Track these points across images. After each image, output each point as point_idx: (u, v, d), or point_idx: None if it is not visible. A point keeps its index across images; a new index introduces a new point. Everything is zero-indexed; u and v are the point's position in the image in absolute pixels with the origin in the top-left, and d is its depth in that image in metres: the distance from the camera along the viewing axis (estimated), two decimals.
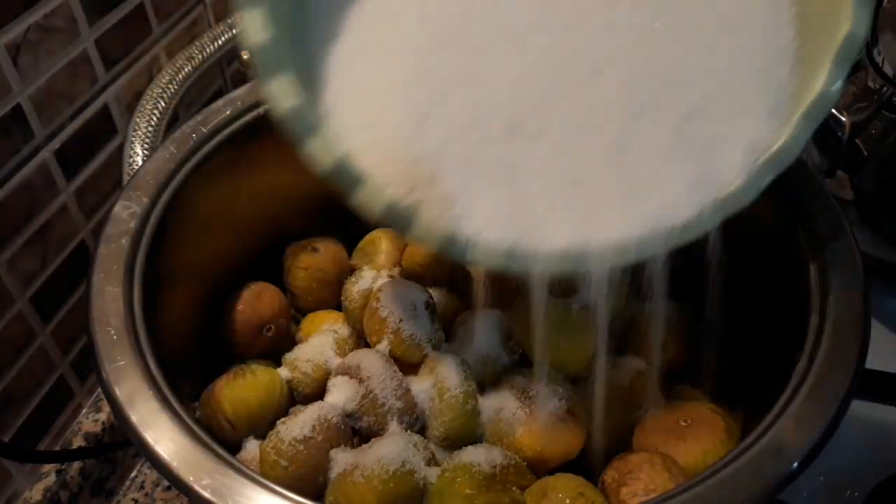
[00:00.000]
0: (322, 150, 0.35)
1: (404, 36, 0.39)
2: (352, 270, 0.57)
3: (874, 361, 0.41)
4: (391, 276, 0.54)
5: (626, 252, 0.35)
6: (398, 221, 0.36)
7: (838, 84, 0.35)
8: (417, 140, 0.37)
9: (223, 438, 0.46)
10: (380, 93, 0.38)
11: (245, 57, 0.67)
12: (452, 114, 0.37)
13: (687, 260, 0.37)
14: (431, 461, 0.43)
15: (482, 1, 0.39)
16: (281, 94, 0.35)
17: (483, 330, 0.49)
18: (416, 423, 0.47)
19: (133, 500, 0.62)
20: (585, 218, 0.35)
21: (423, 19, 0.39)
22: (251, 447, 0.46)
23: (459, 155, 0.36)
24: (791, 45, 0.38)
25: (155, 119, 0.63)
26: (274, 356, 0.53)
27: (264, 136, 0.47)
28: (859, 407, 0.39)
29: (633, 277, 0.54)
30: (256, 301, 0.53)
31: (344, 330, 0.53)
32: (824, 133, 0.62)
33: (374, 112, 0.38)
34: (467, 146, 0.36)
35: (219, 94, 0.73)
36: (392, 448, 0.42)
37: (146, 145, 0.62)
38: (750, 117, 0.37)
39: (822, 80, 0.35)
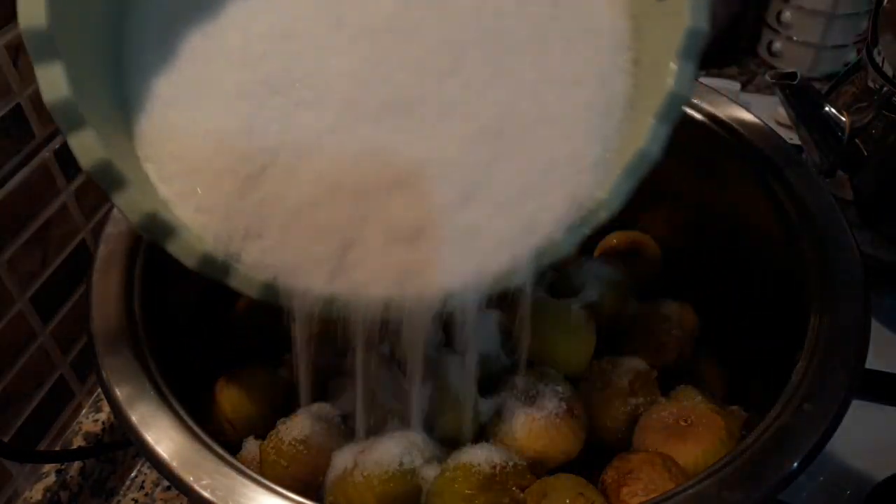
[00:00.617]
0: (129, 205, 0.34)
1: (227, 79, 0.38)
2: None
3: (874, 361, 0.41)
4: None
5: (445, 300, 0.35)
6: (214, 273, 0.36)
7: (658, 142, 0.34)
8: (239, 190, 0.36)
9: (223, 438, 0.45)
10: (200, 139, 0.37)
11: None
12: (278, 164, 0.36)
13: (686, 261, 0.37)
14: (431, 461, 0.43)
15: (313, 45, 0.38)
16: (82, 149, 0.33)
17: (483, 330, 0.49)
18: (417, 423, 0.47)
19: (133, 500, 0.62)
20: (407, 267, 0.35)
21: (247, 63, 0.38)
22: (251, 447, 0.46)
23: (282, 209, 0.36)
24: (623, 95, 0.37)
25: None
26: (274, 356, 0.53)
27: None
28: (859, 407, 0.39)
29: (631, 278, 0.54)
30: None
31: None
32: (824, 133, 0.62)
33: (192, 158, 0.36)
34: (291, 201, 0.36)
35: None
36: (392, 448, 0.42)
37: None
38: (574, 169, 0.36)
39: (643, 137, 0.34)
